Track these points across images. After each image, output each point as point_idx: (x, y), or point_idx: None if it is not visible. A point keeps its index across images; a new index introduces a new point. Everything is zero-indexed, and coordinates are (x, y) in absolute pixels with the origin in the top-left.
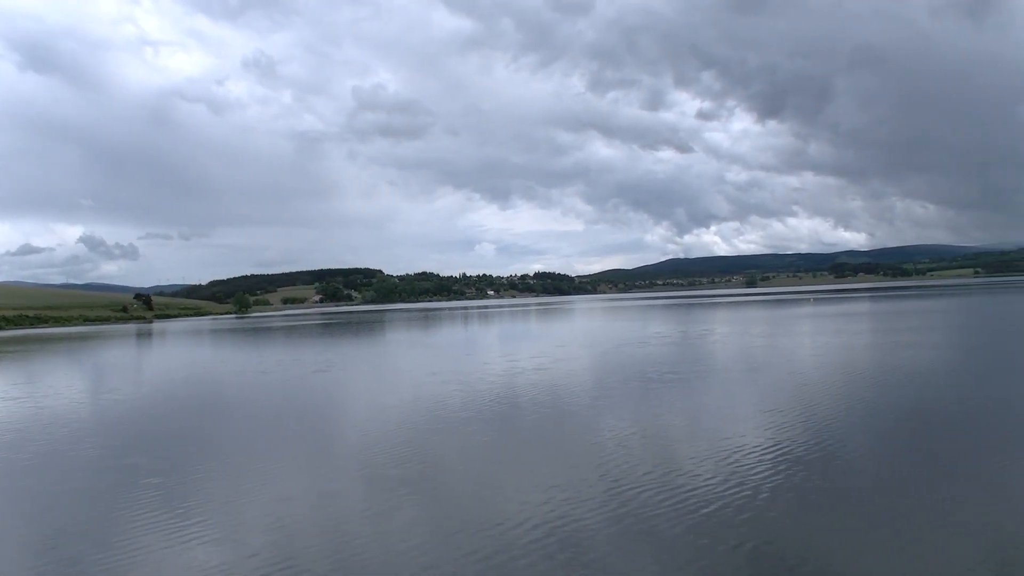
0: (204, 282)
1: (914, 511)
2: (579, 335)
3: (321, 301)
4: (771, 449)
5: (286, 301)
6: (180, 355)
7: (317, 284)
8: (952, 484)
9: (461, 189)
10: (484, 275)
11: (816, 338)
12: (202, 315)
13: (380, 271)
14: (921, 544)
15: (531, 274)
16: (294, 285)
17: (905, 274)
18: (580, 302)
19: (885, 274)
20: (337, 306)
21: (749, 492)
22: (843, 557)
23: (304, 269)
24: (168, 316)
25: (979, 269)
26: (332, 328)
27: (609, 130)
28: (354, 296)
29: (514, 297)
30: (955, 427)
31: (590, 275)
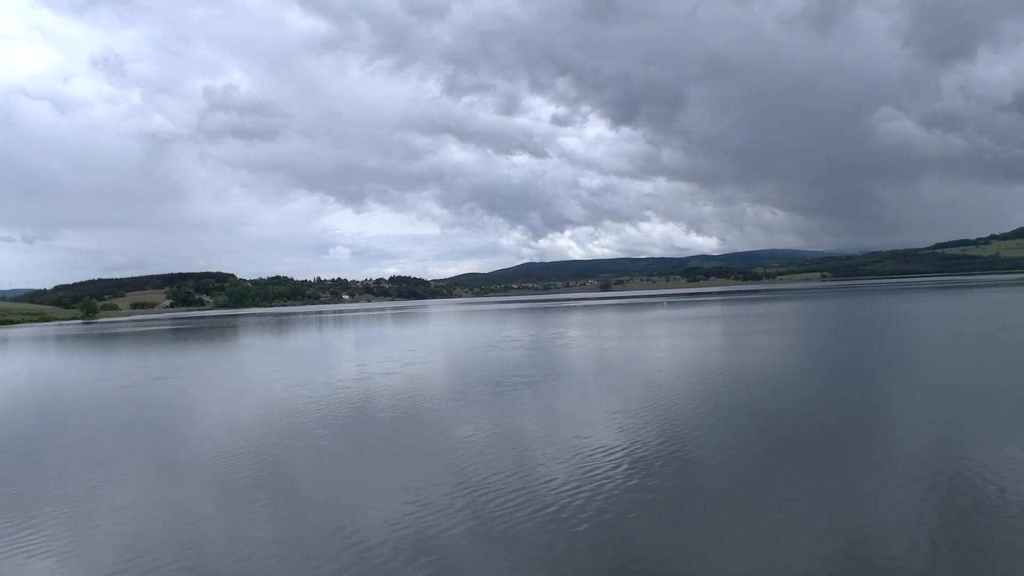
0: (49, 287)
1: (762, 507)
2: (432, 339)
3: (172, 306)
4: (623, 449)
5: (135, 306)
6: (17, 363)
7: (168, 289)
8: (797, 479)
9: (315, 192)
10: (339, 279)
11: (668, 341)
12: (46, 320)
13: (233, 275)
14: (769, 538)
15: (386, 278)
16: (144, 290)
17: (756, 278)
18: (435, 306)
19: (736, 278)
20: (188, 311)
21: (603, 493)
22: (695, 553)
23: (154, 273)
24: (9, 322)
25: (827, 273)
26: (182, 333)
27: (464, 134)
28: (206, 301)
29: (369, 301)
30: (800, 425)
31: (446, 279)
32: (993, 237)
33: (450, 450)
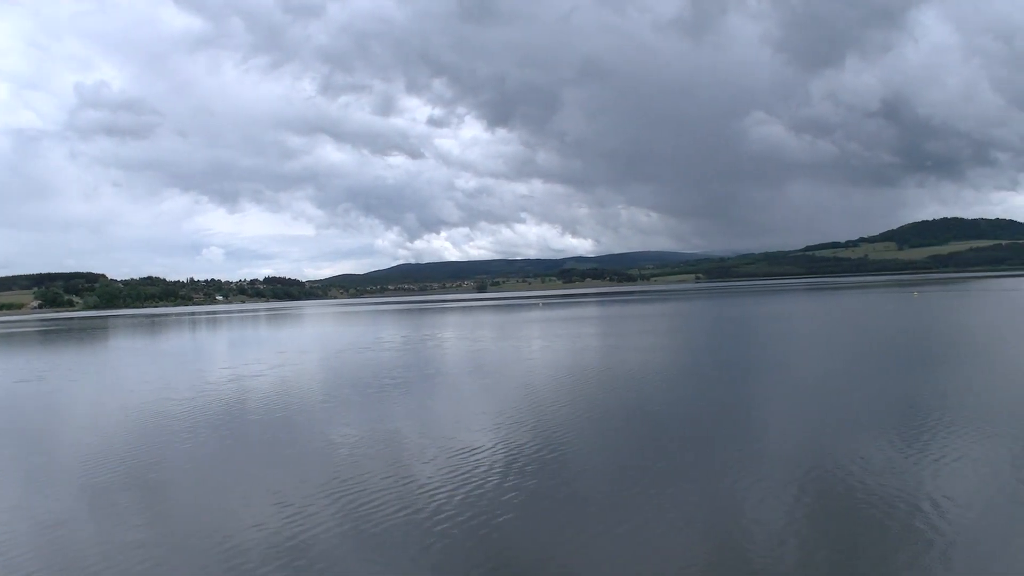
0: None
1: (637, 506)
2: (304, 341)
3: (40, 307)
4: (497, 451)
5: (0, 307)
6: None
7: (35, 289)
8: (671, 479)
9: (188, 192)
10: (212, 280)
11: (544, 342)
12: None
13: (103, 276)
14: (643, 537)
15: (261, 279)
16: (10, 290)
17: (630, 279)
18: (310, 307)
19: (611, 279)
20: (58, 312)
21: (477, 494)
22: (570, 553)
23: (21, 273)
24: None
25: (700, 275)
26: (51, 335)
27: (340, 134)
28: (76, 302)
29: (243, 302)
30: (674, 425)
31: (321, 280)
32: (862, 240)
33: (319, 453)
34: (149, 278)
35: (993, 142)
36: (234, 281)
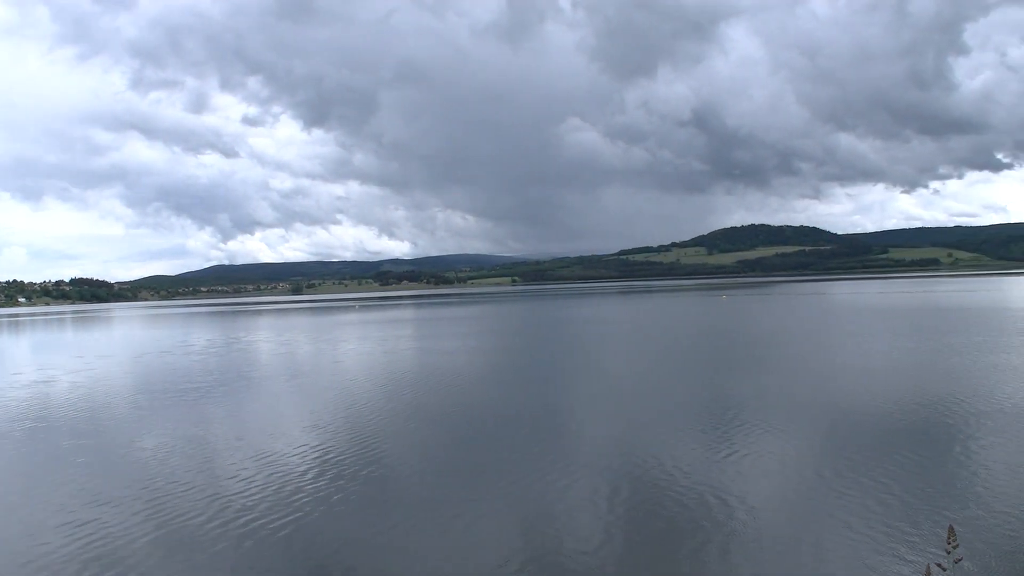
0: None
1: (455, 506)
2: (109, 345)
3: None
4: (310, 455)
5: None
6: None
7: None
8: (490, 479)
9: None
10: (14, 281)
11: (359, 345)
12: None
13: None
14: (462, 536)
15: (67, 280)
16: None
17: (447, 282)
18: (119, 310)
19: (428, 282)
20: None
21: (292, 498)
22: (387, 553)
23: None
24: None
25: (516, 277)
26: None
27: (151, 131)
28: None
29: (48, 304)
30: (492, 427)
31: (131, 282)
32: (673, 244)
33: (111, 462)
34: None
35: (797, 153)
36: (38, 282)
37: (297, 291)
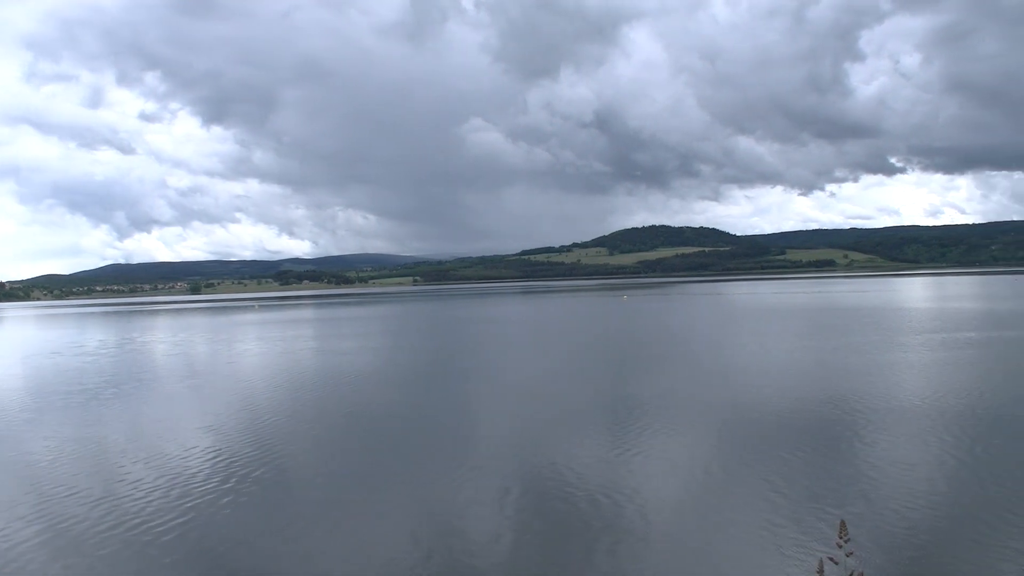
0: None
1: (353, 507)
2: None
3: None
4: (204, 456)
5: None
6: None
7: None
8: (387, 480)
9: None
10: None
11: (256, 345)
12: None
13: None
14: (360, 536)
15: None
16: None
17: (348, 282)
18: (9, 310)
19: (329, 282)
20: None
21: (182, 499)
22: (285, 554)
23: None
24: None
25: (418, 278)
26: None
27: (45, 126)
28: None
29: None
30: (390, 428)
31: (23, 281)
32: (575, 245)
33: (5, 463)
34: None
35: (697, 155)
36: None
37: (195, 291)
